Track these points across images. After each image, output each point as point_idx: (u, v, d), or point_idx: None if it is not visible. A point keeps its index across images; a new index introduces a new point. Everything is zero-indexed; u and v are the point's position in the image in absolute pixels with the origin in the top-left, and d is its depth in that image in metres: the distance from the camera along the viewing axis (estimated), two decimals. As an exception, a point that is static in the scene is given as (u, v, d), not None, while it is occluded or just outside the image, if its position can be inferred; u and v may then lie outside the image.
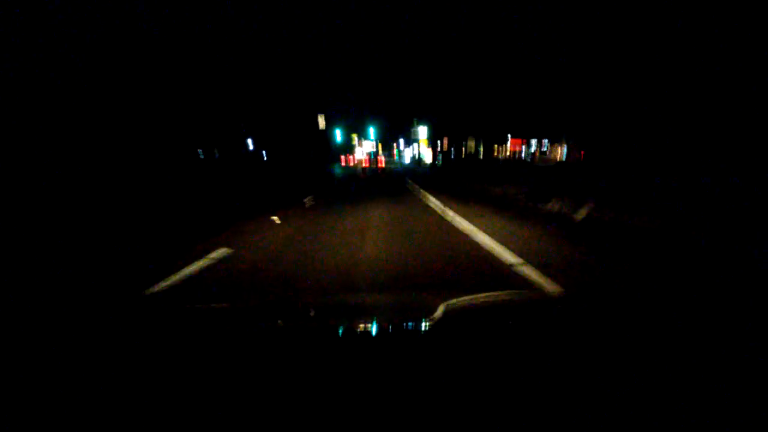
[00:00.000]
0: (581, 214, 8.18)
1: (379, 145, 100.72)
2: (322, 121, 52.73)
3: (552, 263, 4.92)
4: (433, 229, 7.69)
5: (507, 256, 5.40)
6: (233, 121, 58.31)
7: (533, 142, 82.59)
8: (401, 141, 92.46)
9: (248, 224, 8.53)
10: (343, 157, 56.17)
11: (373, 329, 1.35)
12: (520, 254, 5.36)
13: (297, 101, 61.94)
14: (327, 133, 65.83)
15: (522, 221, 8.25)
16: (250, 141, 68.78)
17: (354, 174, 36.19)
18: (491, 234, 6.74)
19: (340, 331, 1.34)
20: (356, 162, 48.74)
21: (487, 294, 2.11)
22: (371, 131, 70.01)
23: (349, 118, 72.64)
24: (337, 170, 53.04)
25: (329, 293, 4.06)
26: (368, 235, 7.08)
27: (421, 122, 71.32)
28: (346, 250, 5.96)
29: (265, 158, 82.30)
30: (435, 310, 1.49)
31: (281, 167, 51.95)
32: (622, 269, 4.85)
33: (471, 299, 1.79)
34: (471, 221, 7.95)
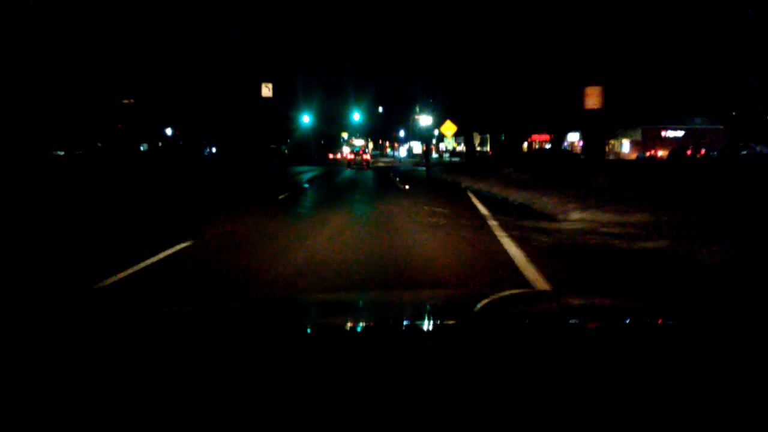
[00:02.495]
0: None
1: (370, 142, 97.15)
2: (267, 91, 30.71)
3: None
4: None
5: None
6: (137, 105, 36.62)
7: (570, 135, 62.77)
8: (401, 132, 78.60)
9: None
10: (331, 154, 52.40)
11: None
12: None
13: (245, 78, 39.99)
14: (288, 120, 44.28)
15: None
16: (169, 130, 46.59)
17: (331, 173, 26.83)
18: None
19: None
20: (343, 157, 47.33)
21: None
22: (355, 115, 48.94)
23: (336, 112, 56.68)
24: (305, 169, 31.41)
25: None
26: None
27: (424, 111, 52.98)
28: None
29: (209, 153, 61.22)
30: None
31: (217, 166, 31.68)
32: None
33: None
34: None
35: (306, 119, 43.25)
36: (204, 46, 39.12)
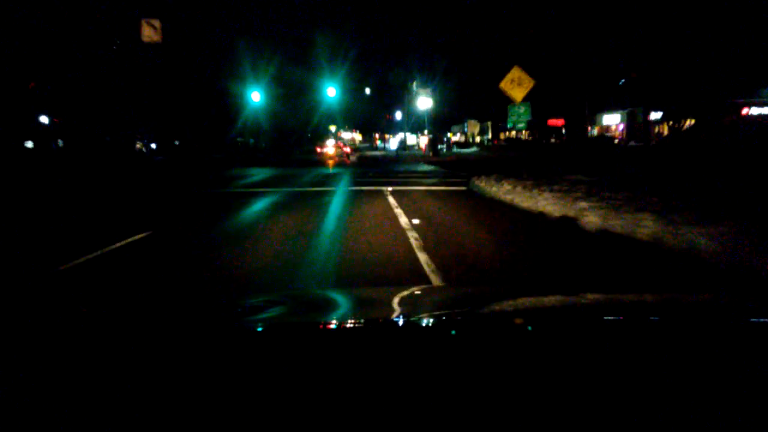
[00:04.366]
0: None
1: (359, 134, 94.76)
2: (150, 32, 16.66)
3: None
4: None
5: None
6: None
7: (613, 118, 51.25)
8: (397, 114, 66.57)
9: None
10: (318, 148, 46.89)
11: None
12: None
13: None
14: (230, 98, 31.05)
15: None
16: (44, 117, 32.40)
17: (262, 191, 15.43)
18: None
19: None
20: (327, 149, 41.86)
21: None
22: (330, 90, 35.66)
23: (316, 100, 48.87)
24: (247, 173, 18.09)
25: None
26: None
27: (423, 89, 42.98)
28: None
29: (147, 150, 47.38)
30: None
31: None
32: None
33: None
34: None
35: (256, 97, 29.39)
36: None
